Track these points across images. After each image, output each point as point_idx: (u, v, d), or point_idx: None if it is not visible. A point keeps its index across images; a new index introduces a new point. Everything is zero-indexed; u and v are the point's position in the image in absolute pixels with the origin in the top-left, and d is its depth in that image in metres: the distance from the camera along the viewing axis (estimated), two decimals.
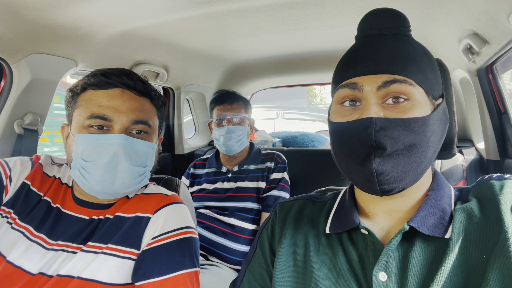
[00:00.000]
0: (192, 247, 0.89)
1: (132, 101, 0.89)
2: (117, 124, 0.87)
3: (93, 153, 0.85)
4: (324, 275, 0.64)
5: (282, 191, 1.81)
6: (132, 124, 0.88)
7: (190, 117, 2.86)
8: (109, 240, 0.86)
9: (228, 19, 1.48)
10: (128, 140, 0.86)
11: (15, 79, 1.32)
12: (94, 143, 0.85)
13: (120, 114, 0.87)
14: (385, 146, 0.57)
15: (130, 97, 0.90)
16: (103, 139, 0.85)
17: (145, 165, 0.92)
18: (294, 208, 0.77)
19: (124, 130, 0.87)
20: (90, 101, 0.88)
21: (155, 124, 0.96)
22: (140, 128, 0.90)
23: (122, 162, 0.86)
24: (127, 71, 0.93)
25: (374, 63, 0.60)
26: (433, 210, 0.61)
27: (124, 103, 0.88)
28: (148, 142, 0.92)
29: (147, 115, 0.92)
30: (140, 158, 0.90)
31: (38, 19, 1.20)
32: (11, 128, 1.35)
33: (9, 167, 0.94)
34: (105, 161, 0.84)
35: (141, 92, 0.92)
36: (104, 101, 0.87)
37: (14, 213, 0.89)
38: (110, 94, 0.88)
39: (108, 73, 0.90)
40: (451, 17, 1.33)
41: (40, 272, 0.82)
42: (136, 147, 0.89)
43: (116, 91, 0.89)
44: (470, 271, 0.54)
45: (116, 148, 0.85)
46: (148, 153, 0.92)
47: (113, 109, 0.87)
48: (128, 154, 0.87)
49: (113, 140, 0.85)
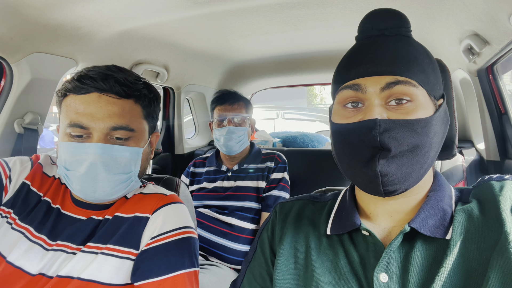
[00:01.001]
0: (191, 247, 0.89)
1: (110, 106, 0.84)
2: (95, 131, 0.83)
3: (73, 162, 0.83)
4: (325, 276, 0.63)
5: (282, 191, 1.81)
6: (111, 131, 0.85)
7: (190, 117, 2.86)
8: (108, 241, 0.86)
9: (228, 19, 1.47)
10: (105, 148, 0.83)
11: (15, 78, 1.32)
12: (72, 151, 0.83)
13: (97, 121, 0.83)
14: (389, 147, 0.57)
15: (107, 101, 0.85)
16: (81, 148, 0.83)
17: (129, 171, 0.89)
18: (294, 209, 0.77)
19: (103, 137, 0.84)
20: (70, 108, 0.85)
21: (141, 126, 0.91)
22: (120, 135, 0.86)
23: (100, 171, 0.83)
24: (107, 73, 0.86)
25: (377, 64, 0.60)
26: (433, 211, 0.61)
27: (101, 109, 0.83)
28: (131, 147, 0.88)
29: (128, 119, 0.87)
30: (122, 166, 0.86)
31: (38, 18, 1.20)
32: (11, 127, 1.35)
33: (9, 167, 0.94)
34: (83, 171, 0.83)
35: (119, 94, 0.86)
36: (81, 108, 0.84)
37: (14, 213, 0.89)
38: (87, 100, 0.84)
39: (85, 76, 0.85)
40: (451, 18, 1.33)
41: (40, 273, 0.82)
42: (117, 154, 0.85)
43: (93, 96, 0.84)
44: (471, 271, 0.54)
45: (93, 158, 0.82)
46: (131, 159, 0.88)
47: (89, 116, 0.83)
48: (105, 164, 0.84)
49: (90, 149, 0.82)
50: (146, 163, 0.96)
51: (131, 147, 0.88)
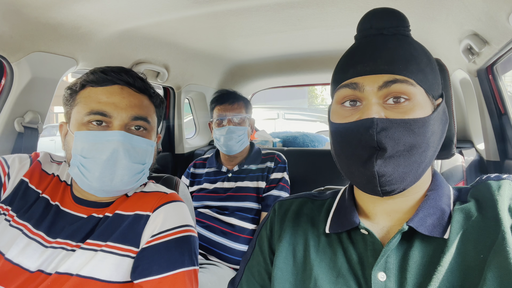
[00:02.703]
0: (191, 246, 0.89)
1: (131, 98, 0.90)
2: (116, 120, 0.87)
3: (92, 149, 0.85)
4: (323, 274, 0.64)
5: (282, 191, 1.81)
6: (131, 120, 0.89)
7: (190, 117, 2.87)
8: (108, 238, 0.86)
9: (228, 19, 1.48)
10: (127, 136, 0.86)
11: (15, 77, 1.32)
12: (93, 139, 0.85)
13: (120, 110, 0.87)
14: (386, 147, 0.57)
15: (129, 93, 0.90)
16: (102, 136, 0.85)
17: (144, 162, 0.92)
18: (293, 206, 0.77)
19: (123, 127, 0.88)
20: (89, 98, 0.88)
21: (154, 121, 0.97)
22: (140, 124, 0.91)
23: (121, 158, 0.85)
24: (126, 69, 0.93)
25: (375, 63, 0.60)
26: (432, 211, 0.61)
27: (124, 100, 0.88)
28: (147, 139, 0.92)
29: (146, 112, 0.92)
30: (139, 155, 0.90)
31: (38, 17, 1.20)
32: (12, 126, 1.35)
33: (8, 164, 0.94)
34: (105, 158, 0.84)
35: (139, 89, 0.93)
36: (103, 98, 0.87)
37: (12, 210, 0.90)
38: (109, 90, 0.89)
39: (107, 70, 0.90)
40: (451, 18, 1.33)
41: (39, 270, 0.82)
42: (135, 144, 0.89)
43: (115, 88, 0.89)
44: (468, 270, 0.55)
45: (116, 145, 0.85)
46: (147, 151, 0.92)
47: (113, 105, 0.87)
48: (127, 151, 0.86)
49: (113, 137, 0.85)
50: (154, 159, 0.99)
51: (147, 139, 0.92)
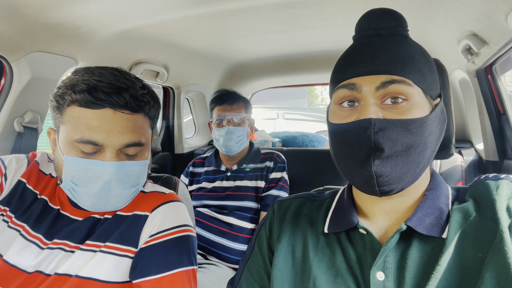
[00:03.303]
0: (189, 245, 0.89)
1: (124, 122, 0.83)
2: (108, 148, 0.82)
3: (84, 178, 0.82)
4: (322, 274, 0.64)
5: (281, 191, 1.81)
6: (124, 148, 0.84)
7: (190, 117, 2.87)
8: (107, 239, 0.86)
9: (228, 19, 1.48)
10: (120, 166, 0.83)
11: (15, 77, 1.32)
12: (84, 168, 0.82)
13: (112, 138, 0.81)
14: (383, 147, 0.57)
15: (121, 118, 0.83)
16: (94, 165, 0.81)
17: (137, 183, 0.89)
18: (292, 206, 0.77)
19: (115, 154, 0.83)
20: (79, 121, 0.81)
21: (148, 137, 0.92)
22: (132, 152, 0.86)
23: (114, 188, 0.83)
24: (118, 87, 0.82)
25: (372, 64, 0.60)
26: (430, 210, 0.61)
27: (116, 126, 0.82)
28: (140, 161, 0.88)
29: (140, 134, 0.86)
30: (132, 179, 0.87)
31: (38, 17, 1.20)
32: (11, 126, 1.35)
33: (5, 165, 0.93)
34: (97, 189, 0.82)
35: (133, 109, 0.85)
36: (94, 124, 0.80)
37: (10, 211, 0.89)
38: (100, 115, 0.81)
39: (97, 90, 0.80)
40: (450, 18, 1.33)
41: (37, 271, 0.82)
42: (128, 170, 0.85)
43: (107, 112, 0.81)
44: (466, 270, 0.55)
45: (108, 176, 0.82)
46: (140, 172, 0.89)
47: (104, 133, 0.80)
48: (120, 180, 0.84)
49: (105, 168, 0.81)
50: (149, 170, 0.96)
51: (140, 160, 0.88)
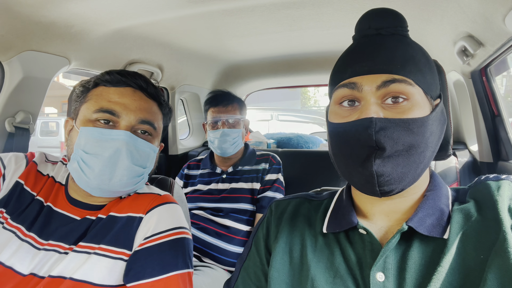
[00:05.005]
0: (185, 248, 0.88)
1: (142, 102, 0.92)
2: (124, 120, 0.88)
3: (96, 146, 0.85)
4: (320, 274, 0.63)
5: (277, 192, 1.81)
6: (138, 124, 0.90)
7: (184, 118, 2.85)
8: (101, 241, 0.85)
9: (223, 19, 1.47)
10: (132, 137, 0.87)
11: (6, 77, 1.30)
12: (98, 136, 0.85)
13: (129, 111, 0.88)
14: (384, 146, 0.56)
15: (140, 97, 0.92)
16: (108, 134, 0.86)
17: (145, 166, 0.92)
18: (290, 207, 0.77)
19: (129, 128, 0.88)
20: (101, 96, 0.90)
21: (160, 127, 0.98)
22: (145, 129, 0.92)
23: (123, 158, 0.85)
24: (140, 74, 0.96)
25: (373, 63, 0.60)
26: (431, 211, 0.61)
27: (134, 102, 0.90)
28: (150, 144, 0.93)
29: (153, 117, 0.94)
30: (141, 158, 0.90)
31: (30, 15, 1.18)
32: (2, 126, 1.33)
33: (4, 165, 0.93)
34: (107, 155, 0.84)
35: (151, 95, 0.95)
36: (114, 97, 0.89)
37: (6, 213, 0.88)
38: (122, 91, 0.90)
39: (123, 72, 0.93)
40: (446, 19, 1.34)
41: (32, 273, 0.81)
42: (139, 147, 0.89)
43: (128, 90, 0.91)
44: (468, 271, 0.54)
45: (120, 144, 0.85)
46: (149, 155, 0.93)
47: (123, 105, 0.88)
48: (130, 152, 0.87)
49: (118, 136, 0.85)
50: (155, 166, 1.00)
51: (151, 143, 0.93)
